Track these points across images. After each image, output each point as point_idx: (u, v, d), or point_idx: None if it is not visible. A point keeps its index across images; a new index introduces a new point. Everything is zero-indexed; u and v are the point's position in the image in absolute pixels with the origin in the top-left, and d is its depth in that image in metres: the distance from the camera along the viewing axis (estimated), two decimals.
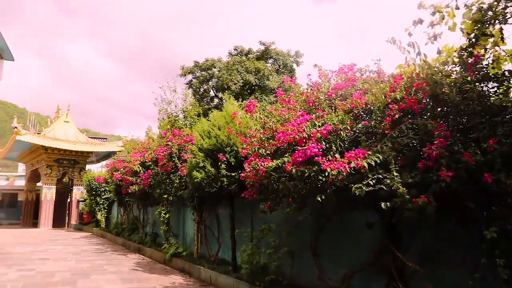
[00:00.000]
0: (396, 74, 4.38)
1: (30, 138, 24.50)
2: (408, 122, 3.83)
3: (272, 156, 5.12)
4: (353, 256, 5.15)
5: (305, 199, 4.79)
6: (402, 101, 3.97)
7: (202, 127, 8.43)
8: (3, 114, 59.76)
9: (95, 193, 21.14)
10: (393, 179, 3.52)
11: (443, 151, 3.30)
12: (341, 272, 4.99)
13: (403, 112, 4.01)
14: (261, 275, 6.33)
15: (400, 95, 3.98)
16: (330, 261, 5.47)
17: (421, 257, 4.21)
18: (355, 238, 5.19)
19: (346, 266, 5.05)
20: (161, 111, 13.36)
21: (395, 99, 4.03)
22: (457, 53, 3.80)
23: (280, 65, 32.06)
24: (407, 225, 4.18)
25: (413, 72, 3.91)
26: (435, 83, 3.61)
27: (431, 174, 3.42)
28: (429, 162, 3.45)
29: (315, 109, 5.14)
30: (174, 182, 10.13)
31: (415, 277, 4.11)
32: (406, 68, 4.23)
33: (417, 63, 3.62)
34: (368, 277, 4.76)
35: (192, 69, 31.70)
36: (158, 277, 8.56)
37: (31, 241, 16.95)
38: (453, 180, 3.21)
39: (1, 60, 35.26)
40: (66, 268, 9.62)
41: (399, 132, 3.80)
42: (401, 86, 4.01)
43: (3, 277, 8.27)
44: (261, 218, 6.87)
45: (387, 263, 4.34)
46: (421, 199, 3.31)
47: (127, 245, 14.64)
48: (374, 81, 4.74)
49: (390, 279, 4.34)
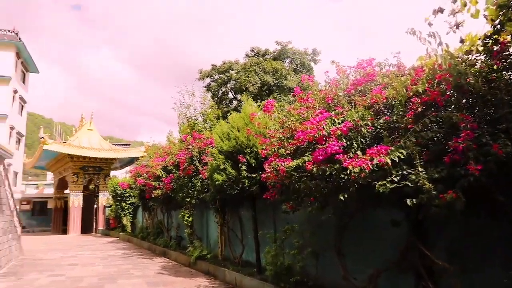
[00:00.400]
0: (417, 66, 4.24)
1: (56, 147, 25.26)
2: (431, 115, 3.69)
3: (292, 155, 5.06)
4: (378, 254, 5.02)
5: (327, 198, 4.70)
6: (424, 94, 3.84)
7: (221, 129, 8.44)
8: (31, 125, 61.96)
9: (120, 199, 21.57)
10: (418, 175, 3.39)
11: (470, 143, 3.16)
12: (367, 272, 4.86)
13: (426, 105, 3.86)
14: (285, 276, 6.27)
15: (422, 87, 3.85)
16: (355, 261, 5.36)
17: (449, 253, 4.05)
18: (379, 236, 5.05)
19: (371, 265, 4.92)
20: (181, 115, 13.49)
21: (417, 92, 3.90)
22: (481, 41, 3.63)
23: (297, 64, 31.90)
24: (434, 221, 4.04)
25: (435, 63, 3.77)
26: (459, 73, 3.46)
27: (458, 168, 3.28)
28: (456, 156, 3.31)
29: (334, 106, 5.05)
30: (196, 185, 10.19)
31: (445, 275, 3.95)
32: (428, 59, 4.08)
33: (439, 53, 3.49)
34: (395, 276, 4.62)
35: (210, 72, 31.96)
36: (183, 280, 8.62)
37: (60, 247, 17.43)
38: (482, 173, 3.06)
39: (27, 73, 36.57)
40: (94, 273, 9.82)
41: (423, 126, 3.67)
42: (423, 79, 3.88)
43: (35, 282, 8.52)
44: (284, 218, 6.81)
45: (414, 261, 4.19)
46: (449, 194, 3.18)
47: (152, 249, 14.84)
48: (394, 75, 4.61)
49: (418, 278, 4.19)
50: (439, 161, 3.49)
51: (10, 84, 31.27)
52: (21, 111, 35.23)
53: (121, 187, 20.55)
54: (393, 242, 4.67)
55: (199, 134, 11.04)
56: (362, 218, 5.11)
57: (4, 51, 31.51)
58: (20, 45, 32.39)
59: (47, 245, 18.58)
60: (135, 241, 18.10)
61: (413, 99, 3.94)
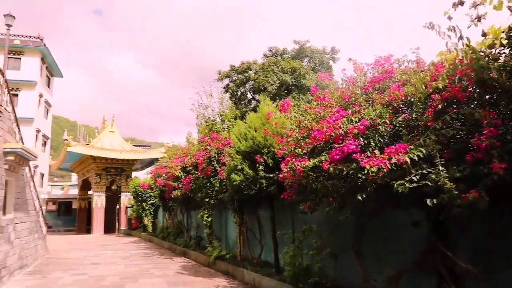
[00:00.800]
0: (437, 62, 4.11)
1: (79, 149, 25.89)
2: (452, 112, 3.56)
3: (309, 155, 5.00)
4: (398, 255, 4.90)
5: (345, 198, 4.62)
6: (445, 90, 3.71)
7: (238, 129, 8.44)
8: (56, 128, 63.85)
9: (141, 199, 21.90)
10: (439, 174, 3.29)
11: (494, 141, 3.03)
12: (386, 273, 4.75)
13: (446, 102, 3.74)
14: (304, 277, 6.21)
15: (442, 83, 3.72)
16: (374, 262, 5.25)
17: (472, 254, 3.91)
18: (399, 236, 4.93)
19: (391, 266, 4.81)
20: (199, 116, 13.58)
21: (437, 89, 3.77)
22: (505, 34, 3.47)
23: (316, 63, 31.62)
24: (456, 221, 3.90)
25: (455, 58, 3.64)
26: (481, 68, 3.33)
27: (481, 167, 3.16)
28: (479, 154, 3.19)
29: (352, 104, 4.96)
30: (214, 186, 10.23)
31: (468, 277, 3.81)
32: (448, 55, 3.94)
33: (460, 48, 3.36)
34: (416, 278, 4.50)
35: (228, 73, 32.07)
36: (202, 280, 8.67)
37: (84, 246, 17.85)
38: (506, 172, 2.94)
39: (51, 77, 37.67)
40: (116, 272, 10.00)
41: (443, 123, 3.55)
42: (443, 74, 3.75)
43: (59, 281, 8.74)
44: (302, 219, 6.75)
45: (436, 262, 4.07)
46: (472, 194, 3.06)
47: (173, 248, 15.01)
48: (413, 71, 4.48)
49: (440, 280, 4.06)
50: (461, 159, 3.37)
51: (35, 89, 32.30)
52: (47, 115, 36.32)
53: (141, 187, 20.87)
54: (413, 242, 4.55)
55: (217, 135, 11.09)
56: (381, 218, 5.00)
57: (30, 57, 32.59)
58: (45, 51, 33.39)
59: (71, 244, 19.06)
60: (156, 241, 18.35)
61: (433, 95, 3.82)
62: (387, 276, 4.72)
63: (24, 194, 10.68)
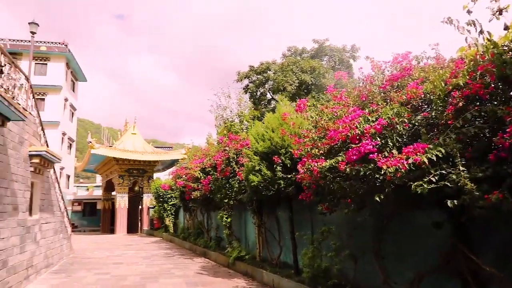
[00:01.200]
0: (456, 58, 3.97)
1: (102, 151, 26.51)
2: (474, 110, 3.43)
3: (326, 155, 4.93)
4: (419, 258, 4.76)
5: (363, 199, 4.53)
6: (466, 87, 3.58)
7: (256, 130, 8.43)
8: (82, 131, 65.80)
9: (162, 200, 22.22)
10: (459, 174, 3.17)
11: None
12: (407, 276, 4.63)
13: (467, 99, 3.60)
14: (323, 279, 6.13)
15: (463, 80, 3.59)
16: (395, 264, 5.12)
17: (497, 257, 3.75)
18: (420, 238, 4.79)
19: (412, 268, 4.68)
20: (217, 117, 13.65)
21: (457, 86, 3.64)
22: None
23: (336, 62, 31.24)
24: (479, 223, 3.76)
25: (476, 53, 3.51)
26: (503, 63, 3.19)
27: (505, 167, 3.04)
28: (502, 153, 3.06)
29: (369, 103, 4.86)
30: (233, 187, 10.25)
31: (493, 281, 3.66)
32: (469, 50, 3.80)
33: (480, 43, 3.23)
34: (439, 281, 4.36)
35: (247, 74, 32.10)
36: (221, 280, 8.69)
37: (107, 246, 18.25)
38: None
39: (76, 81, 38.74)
40: (137, 272, 10.17)
41: (464, 121, 3.42)
42: (464, 71, 3.62)
43: (83, 280, 8.95)
44: (321, 220, 6.67)
45: (459, 265, 3.93)
46: (495, 195, 2.94)
47: (193, 249, 15.14)
48: (432, 68, 4.34)
49: (464, 284, 3.92)
50: (483, 159, 3.24)
51: (61, 93, 33.28)
52: (72, 118, 37.38)
53: (162, 188, 21.16)
54: (435, 244, 4.42)
55: (236, 136, 11.11)
56: (401, 219, 4.88)
57: (56, 63, 33.62)
58: (69, 56, 34.37)
59: (95, 244, 19.52)
60: (177, 241, 18.56)
61: (453, 93, 3.69)
62: (408, 279, 4.60)
63: (49, 196, 11.00)
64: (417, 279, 4.54)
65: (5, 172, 7.34)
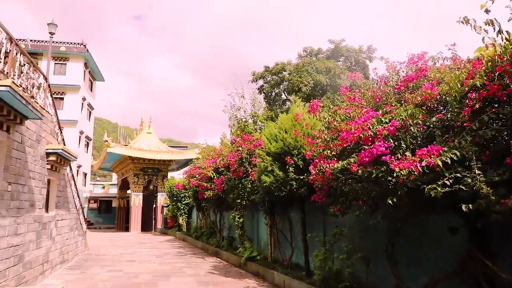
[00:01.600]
0: (474, 58, 3.86)
1: (118, 150, 26.87)
2: (491, 112, 3.33)
3: (338, 157, 4.88)
4: (434, 262, 4.66)
5: (376, 202, 4.46)
6: (483, 88, 3.48)
7: (269, 131, 8.41)
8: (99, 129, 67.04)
9: (176, 199, 22.39)
10: (475, 178, 3.08)
11: None
12: (421, 280, 4.54)
13: (484, 101, 3.50)
14: (334, 282, 6.06)
15: (480, 81, 3.49)
16: (408, 268, 5.02)
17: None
18: (435, 242, 4.68)
19: (426, 273, 4.58)
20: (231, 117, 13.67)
21: (474, 87, 3.55)
22: None
23: (351, 62, 30.93)
24: (496, 228, 3.65)
25: (495, 54, 3.41)
26: None
27: None
28: None
29: (384, 104, 4.78)
30: (246, 187, 10.24)
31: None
32: (487, 51, 3.70)
33: (499, 43, 3.14)
34: (453, 287, 4.25)
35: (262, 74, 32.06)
36: (232, 280, 8.69)
37: (121, 244, 18.48)
38: None
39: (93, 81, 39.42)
40: (149, 270, 10.26)
41: (481, 124, 3.33)
42: (481, 72, 3.52)
43: (96, 277, 9.08)
44: (333, 222, 6.60)
45: (475, 271, 3.82)
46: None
47: (205, 248, 15.20)
48: (449, 69, 4.24)
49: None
50: (500, 162, 3.15)
51: (79, 93, 33.91)
52: (89, 117, 38.03)
53: (176, 188, 21.32)
54: (450, 249, 4.32)
55: (249, 136, 11.10)
56: (415, 223, 4.78)
57: (74, 62, 34.28)
58: (88, 56, 34.99)
59: (110, 241, 19.79)
60: (189, 240, 18.67)
61: (469, 94, 3.60)
62: (422, 284, 4.50)
63: (65, 193, 11.21)
64: (431, 283, 4.44)
65: (22, 169, 7.51)
